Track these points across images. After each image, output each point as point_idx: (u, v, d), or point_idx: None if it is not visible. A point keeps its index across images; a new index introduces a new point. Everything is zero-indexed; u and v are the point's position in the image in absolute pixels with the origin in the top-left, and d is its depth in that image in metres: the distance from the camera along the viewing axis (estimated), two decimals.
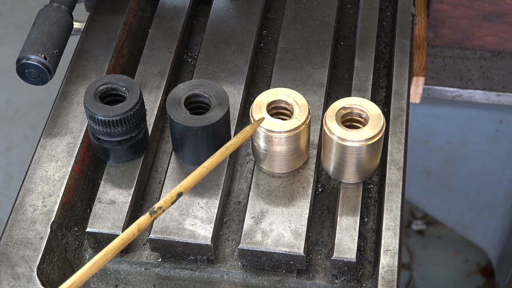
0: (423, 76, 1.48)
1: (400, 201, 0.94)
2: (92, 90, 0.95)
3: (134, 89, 0.95)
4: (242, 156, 1.04)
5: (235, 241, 0.97)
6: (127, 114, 0.94)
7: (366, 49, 1.11)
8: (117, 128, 0.94)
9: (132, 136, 0.97)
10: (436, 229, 2.39)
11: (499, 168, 1.85)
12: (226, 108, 0.95)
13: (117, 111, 0.93)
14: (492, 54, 1.59)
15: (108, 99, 0.97)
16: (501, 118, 1.72)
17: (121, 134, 0.96)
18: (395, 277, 0.89)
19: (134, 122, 0.95)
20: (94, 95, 0.94)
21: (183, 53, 1.16)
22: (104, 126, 0.94)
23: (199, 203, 0.96)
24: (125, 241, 0.82)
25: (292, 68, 1.09)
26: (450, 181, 1.93)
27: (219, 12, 1.16)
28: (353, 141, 0.92)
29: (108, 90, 0.96)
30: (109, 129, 0.94)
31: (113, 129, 0.94)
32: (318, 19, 1.15)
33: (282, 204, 0.95)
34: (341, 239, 0.92)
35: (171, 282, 0.95)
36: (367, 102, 0.94)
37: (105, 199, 0.96)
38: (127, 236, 0.82)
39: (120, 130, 0.95)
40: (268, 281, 0.95)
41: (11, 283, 0.90)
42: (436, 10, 1.53)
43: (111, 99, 0.97)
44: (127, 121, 0.94)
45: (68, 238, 0.96)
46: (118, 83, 0.96)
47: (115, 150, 0.97)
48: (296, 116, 0.94)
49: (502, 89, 1.55)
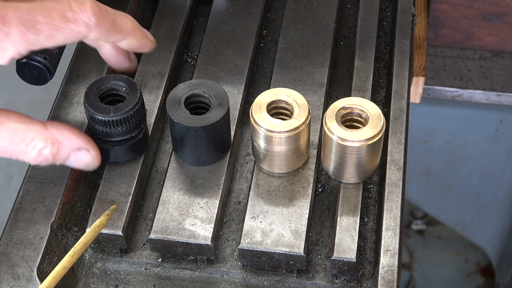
0: (423, 76, 1.48)
1: (400, 201, 0.94)
2: (92, 90, 0.95)
3: (134, 89, 0.95)
4: (242, 156, 1.04)
5: (235, 241, 0.97)
6: (127, 114, 0.94)
7: (366, 49, 1.11)
8: (117, 128, 0.94)
9: (132, 136, 0.97)
10: (436, 229, 2.39)
11: (499, 168, 1.85)
12: (226, 108, 0.95)
13: (117, 111, 0.93)
14: (492, 54, 1.59)
15: (108, 99, 0.97)
16: (501, 118, 1.72)
17: (121, 134, 0.96)
18: (395, 277, 0.89)
19: (134, 122, 0.95)
20: (94, 95, 0.94)
21: (183, 53, 1.16)
22: (104, 126, 0.94)
23: (199, 203, 0.96)
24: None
25: (292, 68, 1.09)
26: (450, 181, 1.94)
27: (219, 12, 1.16)
28: (353, 141, 0.92)
29: (108, 90, 0.96)
30: (109, 129, 0.94)
31: (113, 129, 0.94)
32: (318, 19, 1.15)
33: (282, 204, 0.95)
34: (341, 239, 0.92)
35: (171, 282, 0.95)
36: (367, 102, 0.94)
37: (105, 199, 0.96)
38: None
39: (120, 130, 0.95)
40: (268, 281, 0.95)
41: (11, 283, 0.90)
42: (436, 10, 1.53)
43: (111, 99, 0.97)
44: (127, 121, 0.94)
45: (68, 238, 0.96)
46: (118, 83, 0.96)
47: (115, 150, 0.97)
48: (296, 116, 0.94)
49: (502, 89, 1.56)
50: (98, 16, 0.86)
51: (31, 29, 0.81)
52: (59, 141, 0.89)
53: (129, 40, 0.92)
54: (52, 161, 0.89)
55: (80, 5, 0.85)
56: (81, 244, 0.87)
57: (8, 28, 0.80)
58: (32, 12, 0.81)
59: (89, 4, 0.85)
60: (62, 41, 0.84)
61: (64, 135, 0.89)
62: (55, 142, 0.88)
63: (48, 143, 0.88)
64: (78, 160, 0.91)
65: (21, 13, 0.81)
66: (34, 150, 0.87)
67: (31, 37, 0.82)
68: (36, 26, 0.81)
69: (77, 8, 0.84)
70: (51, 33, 0.83)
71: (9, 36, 0.80)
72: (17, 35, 0.81)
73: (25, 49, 0.82)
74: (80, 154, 0.91)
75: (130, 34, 0.92)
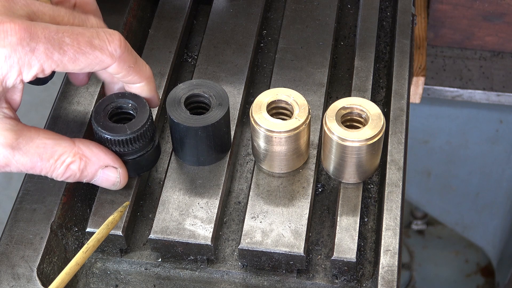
0: (423, 76, 1.48)
1: (400, 201, 0.94)
2: (99, 112, 0.93)
3: (141, 103, 0.93)
4: (242, 156, 1.04)
5: (235, 241, 0.97)
6: (142, 129, 0.92)
7: (366, 49, 1.11)
8: (134, 145, 0.93)
9: (148, 150, 0.95)
10: (436, 229, 2.39)
11: (499, 168, 1.85)
12: (226, 108, 0.95)
13: (132, 127, 0.92)
14: (492, 54, 1.59)
15: (116, 118, 0.95)
16: (501, 118, 1.72)
17: (136, 152, 0.94)
18: (395, 277, 0.89)
19: (148, 135, 0.94)
20: (103, 116, 0.93)
21: (183, 53, 1.16)
22: (120, 146, 0.92)
23: (199, 203, 0.96)
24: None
25: (292, 68, 1.09)
26: (450, 181, 1.94)
27: (219, 12, 1.16)
28: (353, 141, 0.92)
29: (114, 110, 0.94)
30: (126, 148, 0.93)
31: (130, 147, 0.93)
32: (318, 19, 1.15)
33: (282, 204, 0.95)
34: (341, 239, 0.92)
35: (171, 282, 0.95)
36: (367, 102, 0.95)
37: (105, 199, 0.96)
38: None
39: (137, 146, 0.94)
40: (268, 281, 0.95)
41: (11, 283, 0.90)
42: (436, 10, 1.53)
43: (118, 117, 0.95)
44: (143, 136, 0.93)
45: (68, 238, 0.96)
46: (124, 100, 0.94)
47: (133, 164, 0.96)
48: (296, 116, 0.94)
49: (502, 89, 1.56)
50: (123, 49, 0.87)
51: (57, 48, 0.83)
52: (87, 157, 0.90)
53: (143, 86, 0.93)
54: (79, 177, 0.91)
55: (108, 35, 0.87)
56: (94, 241, 0.88)
57: (35, 44, 0.82)
58: (60, 33, 0.83)
59: (117, 36, 0.87)
60: (85, 66, 0.86)
61: (92, 151, 0.91)
62: (83, 158, 0.90)
63: (77, 158, 0.89)
64: (105, 178, 0.92)
65: (49, 32, 0.83)
66: (62, 165, 0.89)
67: (56, 57, 0.83)
68: (63, 47, 0.83)
69: (104, 37, 0.86)
70: (76, 56, 0.84)
71: (35, 52, 0.82)
72: (42, 52, 0.82)
73: (49, 67, 0.84)
74: (107, 171, 0.92)
75: (146, 80, 0.93)
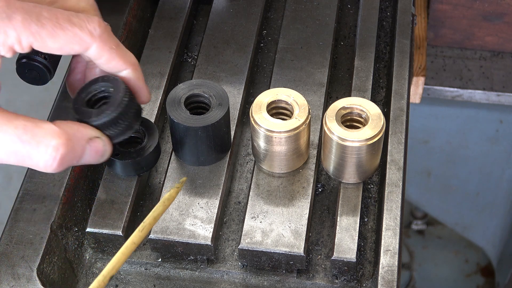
0: (423, 76, 1.48)
1: (400, 201, 0.94)
2: (80, 97, 0.91)
3: (118, 85, 0.90)
4: (242, 156, 1.04)
5: (235, 241, 0.97)
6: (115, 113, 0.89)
7: (366, 49, 1.11)
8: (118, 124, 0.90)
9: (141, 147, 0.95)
10: (436, 229, 2.39)
11: (499, 168, 1.85)
12: (226, 108, 0.95)
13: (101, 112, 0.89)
14: (492, 54, 1.59)
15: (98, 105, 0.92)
16: (501, 118, 1.72)
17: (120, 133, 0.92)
18: (395, 277, 0.89)
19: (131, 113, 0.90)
20: (81, 101, 0.90)
21: (183, 53, 1.16)
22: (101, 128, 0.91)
23: (199, 203, 0.96)
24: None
25: (292, 68, 1.09)
26: (450, 181, 1.94)
27: (219, 12, 1.16)
28: (353, 141, 0.92)
29: (94, 95, 0.92)
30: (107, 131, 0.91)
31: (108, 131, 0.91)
32: (318, 19, 1.15)
33: (282, 204, 0.95)
34: (341, 239, 0.92)
35: (171, 282, 0.95)
36: (367, 102, 0.95)
37: (105, 199, 0.96)
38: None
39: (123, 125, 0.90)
40: (268, 281, 0.95)
41: (11, 283, 0.90)
42: (436, 10, 1.53)
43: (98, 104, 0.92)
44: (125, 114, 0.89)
45: (68, 238, 0.96)
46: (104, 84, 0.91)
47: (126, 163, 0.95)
48: (296, 116, 0.94)
49: (502, 89, 1.56)
50: (103, 29, 0.86)
51: (35, 20, 0.82)
52: (70, 133, 0.85)
53: (129, 73, 0.90)
54: (70, 159, 0.85)
55: (87, 16, 0.86)
56: (150, 218, 0.84)
57: (11, 12, 0.80)
58: (38, 7, 0.82)
59: (96, 18, 0.86)
60: (64, 44, 0.84)
61: (73, 127, 0.86)
62: (67, 135, 0.85)
63: (63, 138, 0.84)
64: (94, 150, 0.88)
65: (27, 5, 0.82)
66: (48, 149, 0.83)
67: (34, 28, 0.82)
68: (41, 20, 0.82)
69: (83, 17, 0.85)
70: (54, 31, 0.83)
71: (11, 20, 0.80)
72: (19, 21, 0.81)
73: (27, 40, 0.82)
74: (93, 143, 0.88)
75: (132, 66, 0.90)
